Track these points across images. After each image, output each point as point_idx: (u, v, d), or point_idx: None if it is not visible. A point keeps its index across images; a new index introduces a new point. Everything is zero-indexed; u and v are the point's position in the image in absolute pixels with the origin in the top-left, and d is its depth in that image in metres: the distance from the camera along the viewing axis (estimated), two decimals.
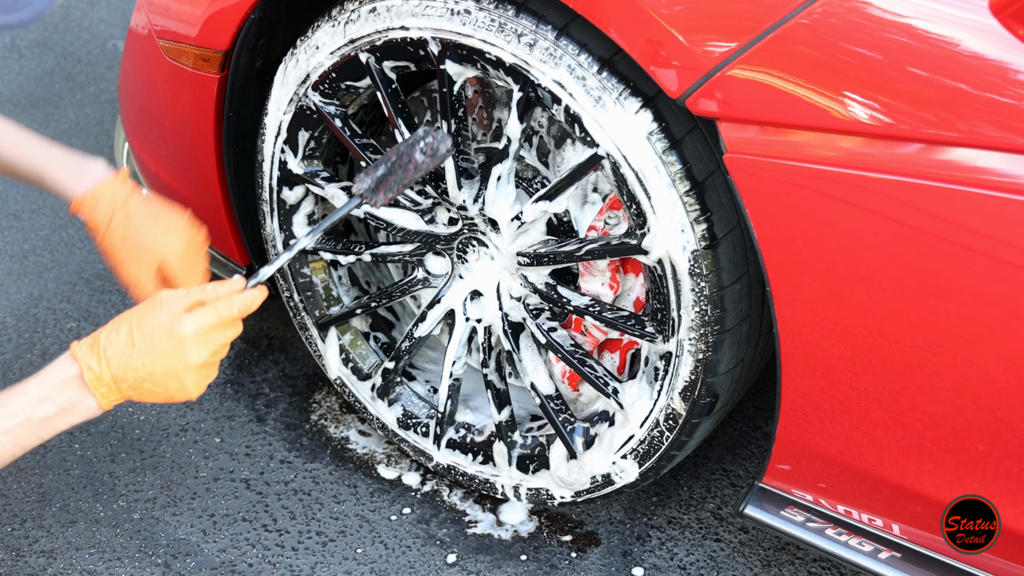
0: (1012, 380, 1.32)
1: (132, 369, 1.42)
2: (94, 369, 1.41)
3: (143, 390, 1.44)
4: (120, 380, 1.42)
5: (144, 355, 1.42)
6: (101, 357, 1.42)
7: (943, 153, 1.27)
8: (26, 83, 3.34)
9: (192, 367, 1.44)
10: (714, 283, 1.53)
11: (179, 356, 1.43)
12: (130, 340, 1.42)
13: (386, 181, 1.54)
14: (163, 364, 1.43)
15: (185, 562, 1.88)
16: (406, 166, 1.54)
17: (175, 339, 1.42)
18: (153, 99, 2.05)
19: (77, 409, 1.43)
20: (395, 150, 1.56)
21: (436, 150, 1.55)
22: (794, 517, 1.64)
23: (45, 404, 1.42)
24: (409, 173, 1.54)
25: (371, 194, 1.53)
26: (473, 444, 1.96)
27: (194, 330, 1.43)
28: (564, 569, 1.88)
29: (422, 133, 1.57)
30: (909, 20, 1.29)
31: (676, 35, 1.38)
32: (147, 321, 1.43)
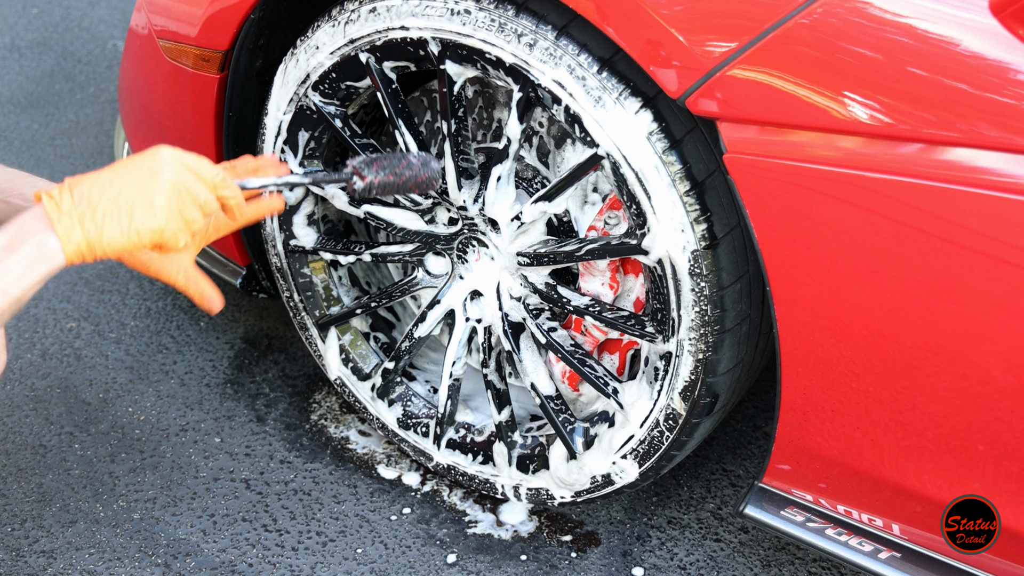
0: (1012, 380, 1.32)
1: (97, 190, 1.26)
2: (55, 197, 1.25)
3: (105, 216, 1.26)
4: (82, 205, 1.25)
5: (114, 173, 1.27)
6: (64, 188, 1.27)
7: (943, 153, 1.27)
8: (26, 83, 3.34)
9: (165, 181, 1.28)
10: (714, 283, 1.53)
11: (152, 168, 1.28)
12: (101, 172, 1.29)
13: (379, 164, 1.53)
14: (133, 178, 1.27)
15: (185, 562, 1.88)
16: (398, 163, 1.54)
17: (150, 154, 1.29)
18: (153, 99, 2.05)
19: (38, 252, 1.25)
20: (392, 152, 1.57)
21: (428, 162, 1.56)
22: (794, 517, 1.64)
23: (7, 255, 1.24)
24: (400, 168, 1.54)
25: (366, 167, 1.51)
26: (473, 444, 1.96)
27: (171, 152, 1.31)
28: (564, 569, 1.88)
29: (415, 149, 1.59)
30: (909, 20, 1.29)
31: (676, 35, 1.38)
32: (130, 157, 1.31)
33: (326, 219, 1.97)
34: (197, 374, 2.27)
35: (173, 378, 2.25)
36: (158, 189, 1.28)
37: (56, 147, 3.02)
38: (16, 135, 3.07)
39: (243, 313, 2.44)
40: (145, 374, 2.26)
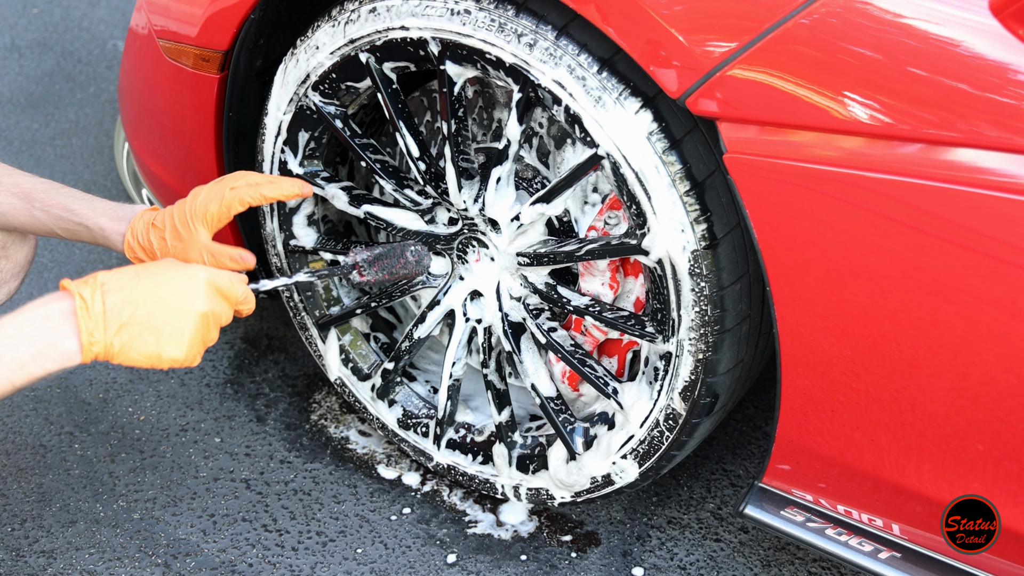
0: (1012, 380, 1.32)
1: (130, 304, 1.25)
2: (87, 298, 1.24)
3: (132, 336, 1.25)
4: (112, 316, 1.24)
5: (148, 289, 1.26)
6: (97, 288, 1.25)
7: (943, 153, 1.27)
8: (26, 83, 3.34)
9: (196, 312, 1.29)
10: (714, 283, 1.53)
11: (186, 295, 1.28)
12: (135, 276, 1.28)
13: (379, 261, 1.69)
14: (167, 301, 1.27)
15: (185, 562, 1.88)
16: (397, 257, 1.70)
17: (186, 277, 1.29)
18: (153, 99, 2.05)
19: (53, 351, 1.24)
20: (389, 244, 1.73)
21: (421, 258, 1.73)
22: (794, 517, 1.64)
23: (17, 343, 1.23)
24: (398, 266, 1.70)
25: (365, 265, 1.68)
26: (473, 444, 1.96)
27: (206, 276, 1.32)
28: (564, 569, 1.88)
29: (412, 242, 1.74)
30: (909, 20, 1.29)
31: (676, 35, 1.38)
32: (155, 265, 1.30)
33: (326, 219, 1.97)
34: (197, 374, 2.27)
35: (173, 378, 2.25)
36: (189, 321, 1.29)
37: (56, 147, 3.02)
38: (16, 135, 3.07)
39: None
40: (145, 374, 2.26)
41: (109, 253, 2.61)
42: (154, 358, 1.29)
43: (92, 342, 1.25)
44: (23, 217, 1.67)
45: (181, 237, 1.58)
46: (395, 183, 1.81)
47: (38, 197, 1.68)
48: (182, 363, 1.30)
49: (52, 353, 1.24)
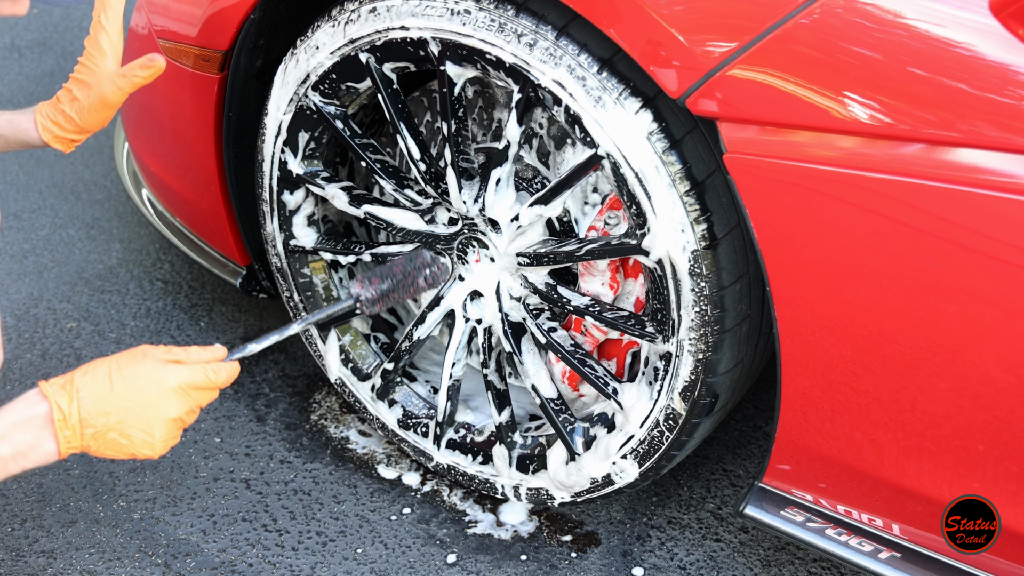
0: (1012, 380, 1.32)
1: (103, 414, 1.36)
2: (63, 408, 1.35)
3: (106, 440, 1.37)
4: (87, 424, 1.35)
5: (121, 399, 1.36)
6: (73, 397, 1.35)
7: (943, 153, 1.27)
8: (26, 83, 3.34)
9: (166, 420, 1.39)
10: (714, 283, 1.53)
11: (156, 405, 1.37)
12: (107, 383, 1.37)
13: (385, 297, 1.66)
14: (138, 412, 1.37)
15: (185, 562, 1.88)
16: (407, 287, 1.67)
17: (157, 386, 1.38)
18: (153, 99, 2.05)
19: (33, 452, 1.35)
20: (401, 268, 1.66)
21: (437, 279, 1.68)
22: (794, 517, 1.64)
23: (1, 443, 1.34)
24: (408, 293, 1.67)
25: (369, 304, 1.65)
26: (473, 444, 1.96)
27: (178, 382, 1.39)
28: (564, 569, 1.88)
29: (429, 259, 1.68)
30: (909, 20, 1.29)
31: (676, 35, 1.38)
32: (129, 367, 1.38)
33: (326, 219, 1.97)
34: None
35: None
36: (159, 428, 1.39)
37: None
38: None
39: (243, 313, 2.44)
40: None
41: (107, 251, 2.61)
42: (127, 455, 1.40)
43: (70, 447, 1.37)
44: None
45: (88, 83, 1.56)
46: (395, 183, 1.81)
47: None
48: (155, 457, 1.43)
49: (32, 454, 1.36)
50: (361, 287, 1.65)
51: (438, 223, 1.82)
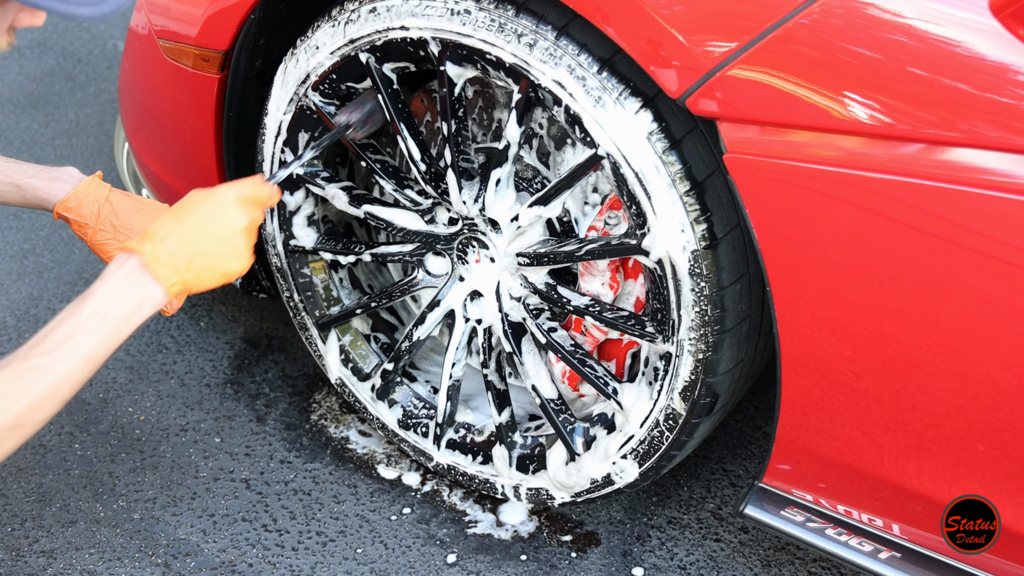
0: (1012, 380, 1.32)
1: (187, 244, 1.43)
2: (151, 251, 1.41)
3: (200, 268, 1.44)
4: (178, 256, 1.42)
5: (195, 228, 1.44)
6: (154, 240, 1.42)
7: (943, 153, 1.27)
8: (26, 83, 3.34)
9: (239, 230, 1.47)
10: (714, 283, 1.53)
11: (225, 221, 1.46)
12: (177, 221, 1.44)
13: (371, 117, 1.72)
14: (213, 232, 1.45)
15: (185, 562, 1.88)
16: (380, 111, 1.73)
17: (218, 205, 1.46)
18: (153, 99, 2.05)
19: (146, 301, 1.41)
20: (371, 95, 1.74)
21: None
22: (794, 517, 1.64)
23: (116, 301, 1.39)
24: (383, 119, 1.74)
25: (360, 126, 1.72)
26: (473, 444, 1.96)
27: (233, 195, 1.48)
28: (564, 569, 1.88)
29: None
30: (909, 20, 1.29)
31: (676, 35, 1.38)
32: (186, 203, 1.46)
33: (326, 220, 1.97)
34: (197, 374, 2.27)
35: (173, 378, 2.25)
36: (237, 239, 1.48)
37: (56, 147, 3.02)
38: (16, 135, 3.07)
39: (243, 313, 2.44)
40: (145, 374, 2.26)
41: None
42: (223, 277, 1.48)
43: (171, 284, 1.43)
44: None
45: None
46: (395, 183, 1.81)
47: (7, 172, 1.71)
48: (245, 271, 1.50)
49: (146, 303, 1.41)
50: (347, 114, 1.73)
51: (438, 223, 1.82)
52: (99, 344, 1.38)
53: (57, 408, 1.36)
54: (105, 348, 1.38)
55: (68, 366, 1.35)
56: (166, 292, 1.43)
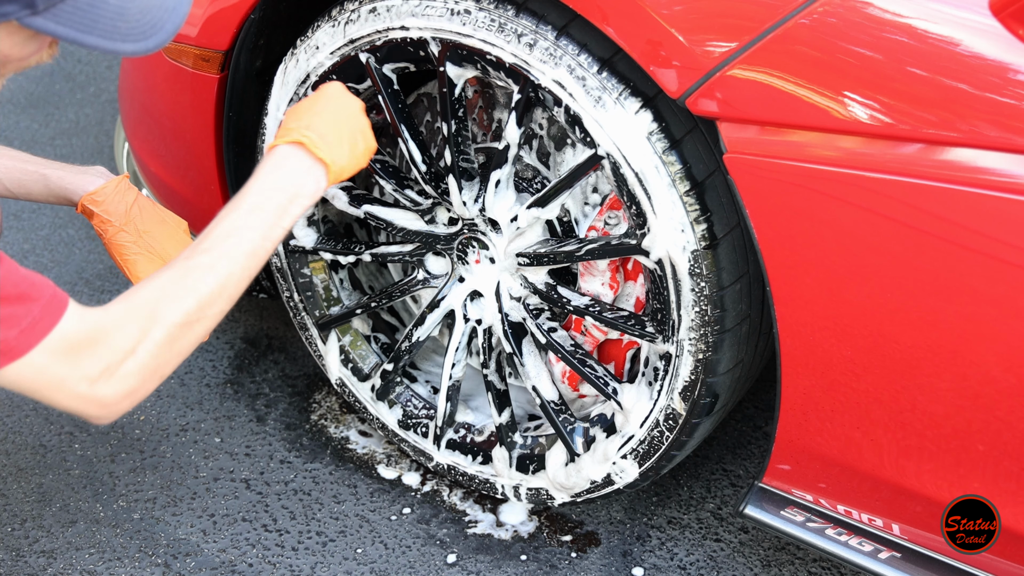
0: (1012, 380, 1.32)
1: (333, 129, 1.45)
2: (304, 136, 1.42)
3: (346, 148, 1.46)
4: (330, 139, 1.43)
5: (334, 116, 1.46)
6: (307, 132, 1.43)
7: (943, 153, 1.27)
8: (26, 83, 3.34)
9: (360, 109, 1.50)
10: (714, 283, 1.53)
11: (346, 102, 1.49)
12: (309, 112, 1.46)
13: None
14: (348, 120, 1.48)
15: (185, 562, 1.88)
16: None
17: (333, 92, 1.49)
18: (153, 99, 2.05)
19: (304, 190, 1.41)
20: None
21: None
22: (794, 517, 1.64)
23: (274, 193, 1.39)
24: None
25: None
26: (473, 444, 1.96)
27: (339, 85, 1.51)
28: (564, 569, 1.88)
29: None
30: (909, 20, 1.29)
31: (676, 35, 1.38)
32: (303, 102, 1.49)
33: (326, 220, 1.97)
34: (197, 374, 2.27)
35: (173, 378, 2.25)
36: (363, 119, 1.51)
37: (56, 147, 3.02)
38: (16, 135, 3.07)
39: (243, 313, 2.44)
40: None
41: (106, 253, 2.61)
42: (364, 154, 1.51)
43: (331, 162, 1.43)
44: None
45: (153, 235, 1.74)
46: (395, 183, 1.81)
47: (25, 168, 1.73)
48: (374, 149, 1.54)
49: (304, 192, 1.42)
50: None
51: (438, 223, 1.82)
52: (260, 239, 1.37)
53: (228, 304, 1.35)
54: (267, 242, 1.38)
55: (230, 263, 1.34)
56: (326, 173, 1.43)
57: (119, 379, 1.27)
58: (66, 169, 1.73)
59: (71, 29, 1.16)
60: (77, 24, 1.16)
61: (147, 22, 1.21)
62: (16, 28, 1.17)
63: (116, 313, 1.28)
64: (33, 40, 1.20)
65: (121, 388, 1.27)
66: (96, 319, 1.27)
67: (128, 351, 1.27)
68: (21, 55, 1.21)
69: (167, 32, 1.24)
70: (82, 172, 1.72)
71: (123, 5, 1.19)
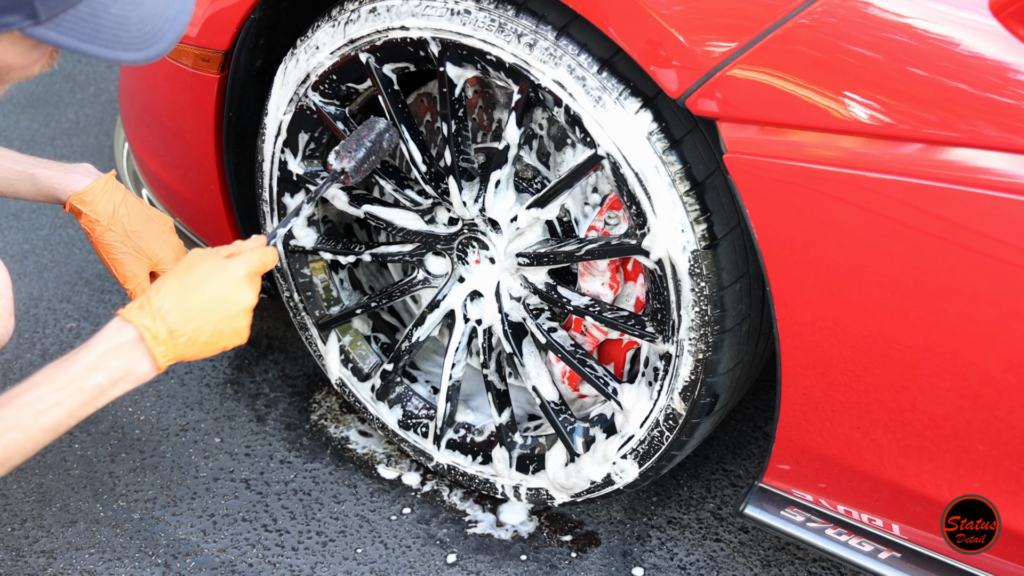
0: (1012, 380, 1.32)
1: (190, 320, 1.39)
2: (150, 328, 1.37)
3: (199, 344, 1.41)
4: (178, 336, 1.38)
5: (203, 303, 1.40)
6: (156, 315, 1.38)
7: (943, 153, 1.27)
8: (26, 83, 3.34)
9: (246, 309, 1.44)
10: (714, 283, 1.53)
11: (235, 299, 1.43)
12: (184, 293, 1.40)
13: (363, 163, 1.66)
14: (220, 309, 1.41)
15: (185, 562, 1.88)
16: (378, 151, 1.68)
17: (230, 281, 1.43)
18: (153, 99, 2.05)
19: (130, 376, 1.38)
20: (367, 135, 1.67)
21: (394, 140, 1.70)
22: (794, 517, 1.64)
23: (96, 373, 1.36)
24: (379, 157, 1.69)
25: (354, 173, 1.66)
26: (473, 444, 1.96)
27: (245, 271, 1.44)
28: (564, 569, 1.88)
29: (384, 126, 1.69)
30: (909, 20, 1.29)
31: (676, 35, 1.38)
32: (197, 272, 1.42)
33: (326, 220, 1.97)
34: (197, 374, 2.27)
35: (173, 378, 2.25)
36: (243, 319, 1.45)
37: (56, 147, 3.02)
38: (16, 135, 3.07)
39: None
40: None
41: None
42: (219, 351, 1.45)
43: (166, 359, 1.39)
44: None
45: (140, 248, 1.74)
46: (395, 183, 1.81)
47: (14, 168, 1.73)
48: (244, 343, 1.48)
49: (129, 377, 1.38)
50: (339, 161, 1.66)
51: (438, 223, 1.82)
52: (67, 416, 1.35)
53: (5, 472, 1.33)
54: (71, 419, 1.35)
55: (24, 436, 1.33)
56: (156, 368, 1.39)
57: None
58: (54, 168, 1.72)
59: (73, 39, 1.17)
60: (79, 34, 1.17)
61: (148, 31, 1.21)
62: (19, 38, 1.17)
63: None
64: (36, 49, 1.20)
65: None
66: None
67: None
68: (24, 64, 1.22)
69: (168, 41, 1.23)
70: (70, 171, 1.72)
71: (124, 15, 1.19)
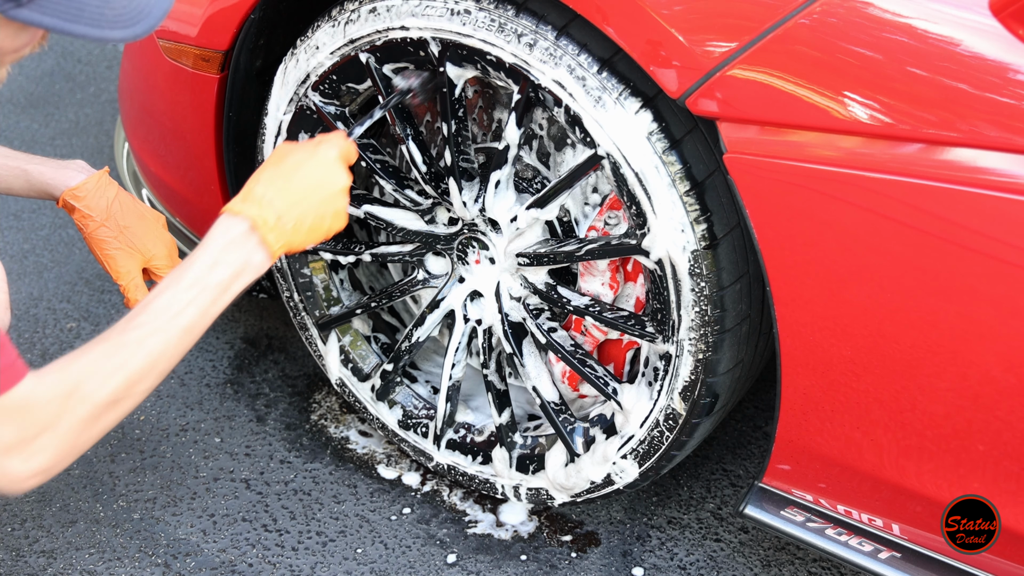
0: (1012, 380, 1.32)
1: (295, 204, 1.41)
2: (259, 215, 1.39)
3: (305, 229, 1.43)
4: (286, 219, 1.40)
5: (303, 187, 1.42)
6: (261, 203, 1.40)
7: (943, 153, 1.27)
8: (26, 83, 3.34)
9: (344, 188, 1.46)
10: (714, 283, 1.53)
11: (332, 179, 1.45)
12: (283, 179, 1.42)
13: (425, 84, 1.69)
14: (320, 191, 1.44)
15: (185, 562, 1.88)
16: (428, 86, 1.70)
17: (324, 163, 1.45)
18: (153, 99, 2.05)
19: (248, 267, 1.39)
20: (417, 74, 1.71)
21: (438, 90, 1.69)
22: (794, 517, 1.64)
23: (217, 268, 1.36)
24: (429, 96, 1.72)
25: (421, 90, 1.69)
26: (473, 444, 1.96)
27: (336, 153, 1.47)
28: (564, 569, 1.88)
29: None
30: (909, 20, 1.29)
31: (676, 35, 1.38)
32: (288, 160, 1.44)
33: None
34: (197, 374, 2.27)
35: (173, 378, 2.25)
36: (341, 200, 1.47)
37: (56, 147, 3.02)
38: (16, 135, 3.07)
39: (243, 313, 2.44)
40: None
41: None
42: (325, 236, 1.47)
43: (279, 246, 1.41)
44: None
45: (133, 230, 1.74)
46: (395, 183, 1.81)
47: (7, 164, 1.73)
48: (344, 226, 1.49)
49: (249, 269, 1.40)
50: (405, 80, 1.69)
51: (438, 223, 1.82)
52: (199, 315, 1.35)
53: (156, 381, 1.33)
54: (204, 318, 1.35)
55: (165, 339, 1.32)
56: (270, 256, 1.41)
57: (32, 453, 1.25)
58: (47, 164, 1.72)
59: (57, 19, 1.16)
60: (62, 14, 1.16)
61: (134, 8, 1.21)
62: (4, 21, 1.17)
63: (46, 385, 1.27)
64: (23, 32, 1.20)
65: (31, 464, 1.25)
66: (27, 389, 1.25)
67: (47, 426, 1.25)
68: (14, 47, 1.22)
69: (155, 18, 1.23)
70: (63, 167, 1.72)
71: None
